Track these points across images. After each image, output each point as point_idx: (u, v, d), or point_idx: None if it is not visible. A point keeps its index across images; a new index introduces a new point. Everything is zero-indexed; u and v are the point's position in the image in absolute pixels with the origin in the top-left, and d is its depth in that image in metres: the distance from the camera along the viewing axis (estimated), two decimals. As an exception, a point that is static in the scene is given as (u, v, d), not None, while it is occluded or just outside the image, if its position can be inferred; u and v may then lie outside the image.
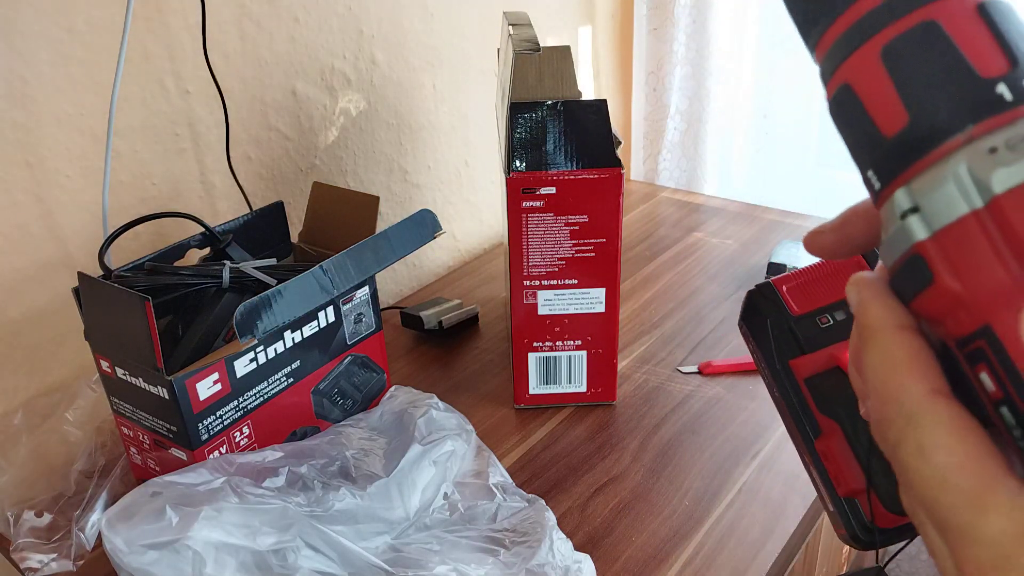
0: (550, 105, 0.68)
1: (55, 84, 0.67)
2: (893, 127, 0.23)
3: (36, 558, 0.59)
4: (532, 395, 0.76)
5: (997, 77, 0.21)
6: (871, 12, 0.23)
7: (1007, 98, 0.21)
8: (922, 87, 0.22)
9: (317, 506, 0.55)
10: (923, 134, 0.22)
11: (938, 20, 0.22)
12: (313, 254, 0.75)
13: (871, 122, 0.23)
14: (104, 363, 0.60)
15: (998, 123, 0.21)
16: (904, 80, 0.22)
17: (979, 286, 0.21)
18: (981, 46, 0.21)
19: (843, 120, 0.24)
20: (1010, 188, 0.20)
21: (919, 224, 0.22)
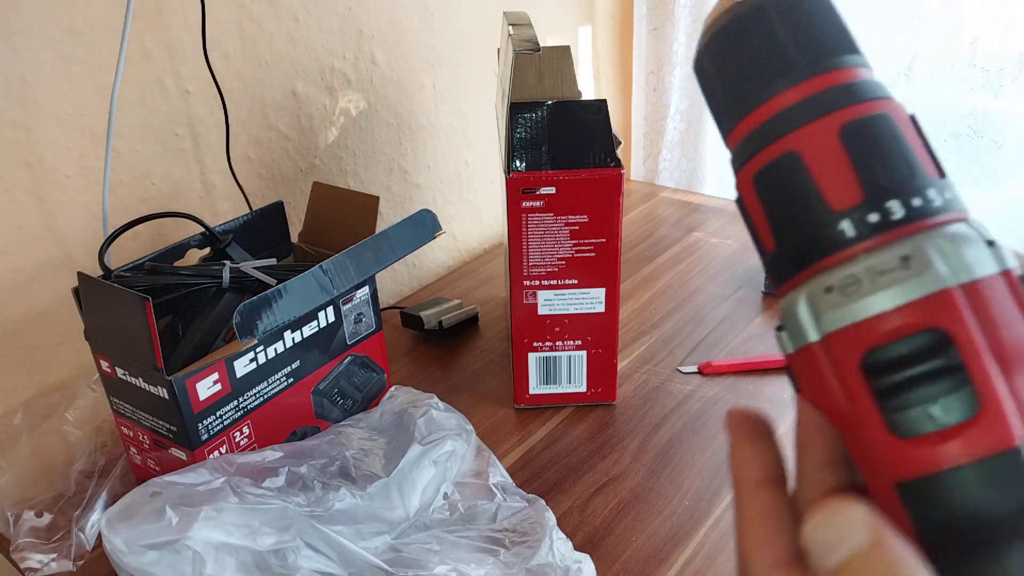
0: (550, 105, 0.68)
1: (55, 84, 0.67)
2: (768, 247, 0.24)
3: (36, 558, 0.59)
4: (532, 395, 0.76)
5: (847, 211, 0.21)
6: (746, 137, 0.23)
7: (848, 235, 0.21)
8: (783, 217, 0.23)
9: (317, 506, 0.55)
10: (786, 261, 0.23)
11: (798, 151, 0.22)
12: (313, 254, 0.75)
13: (755, 236, 0.24)
14: (104, 363, 0.60)
15: (836, 261, 0.22)
16: (770, 208, 0.23)
17: (828, 408, 0.23)
18: (835, 176, 0.22)
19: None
20: (835, 330, 0.21)
21: (786, 340, 0.23)
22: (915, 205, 0.21)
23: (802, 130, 0.22)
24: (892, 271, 0.21)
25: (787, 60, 0.22)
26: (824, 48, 0.23)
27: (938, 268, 0.20)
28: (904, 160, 0.21)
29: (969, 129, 1.09)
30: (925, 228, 0.21)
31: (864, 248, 0.21)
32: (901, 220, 0.21)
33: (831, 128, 0.22)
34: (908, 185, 0.21)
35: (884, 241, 0.21)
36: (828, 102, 0.22)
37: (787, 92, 0.22)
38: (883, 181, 0.21)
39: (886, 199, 0.21)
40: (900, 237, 0.21)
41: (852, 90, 0.22)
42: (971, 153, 1.10)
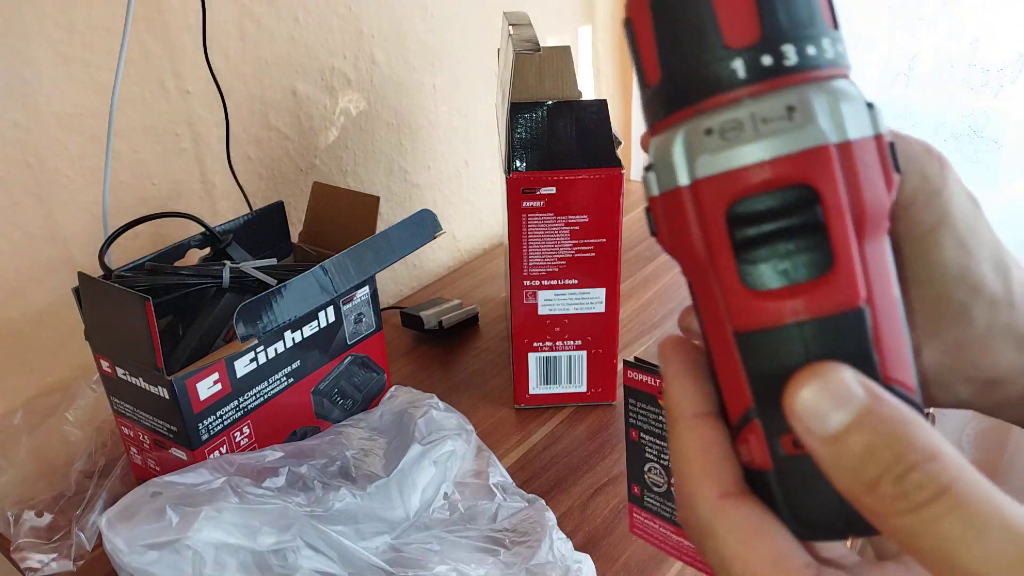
0: (550, 105, 0.68)
1: (55, 84, 0.67)
2: (651, 79, 0.22)
3: (36, 558, 0.59)
4: (532, 395, 0.76)
5: (740, 49, 0.20)
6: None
7: (739, 75, 0.20)
8: (674, 47, 0.21)
9: (317, 506, 0.55)
10: (668, 95, 0.22)
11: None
12: (313, 254, 0.75)
13: (639, 65, 0.23)
14: (104, 363, 0.60)
15: (721, 102, 0.21)
16: (663, 35, 0.21)
17: (683, 254, 0.22)
18: (736, 8, 0.20)
19: (631, 51, 0.23)
20: (708, 176, 0.21)
21: (652, 181, 0.23)
22: (809, 53, 0.20)
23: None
24: (775, 120, 0.20)
25: None
26: None
27: (820, 123, 0.20)
28: (807, 7, 0.21)
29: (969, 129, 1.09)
30: (813, 79, 0.21)
31: (751, 92, 0.20)
32: (792, 67, 0.20)
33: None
34: (806, 31, 0.21)
35: (772, 87, 0.20)
36: None
37: None
38: (783, 22, 0.20)
39: (782, 42, 0.20)
40: (788, 85, 0.20)
41: None
42: (971, 153, 1.10)
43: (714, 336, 0.23)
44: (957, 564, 0.18)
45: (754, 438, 0.22)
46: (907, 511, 0.19)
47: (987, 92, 1.06)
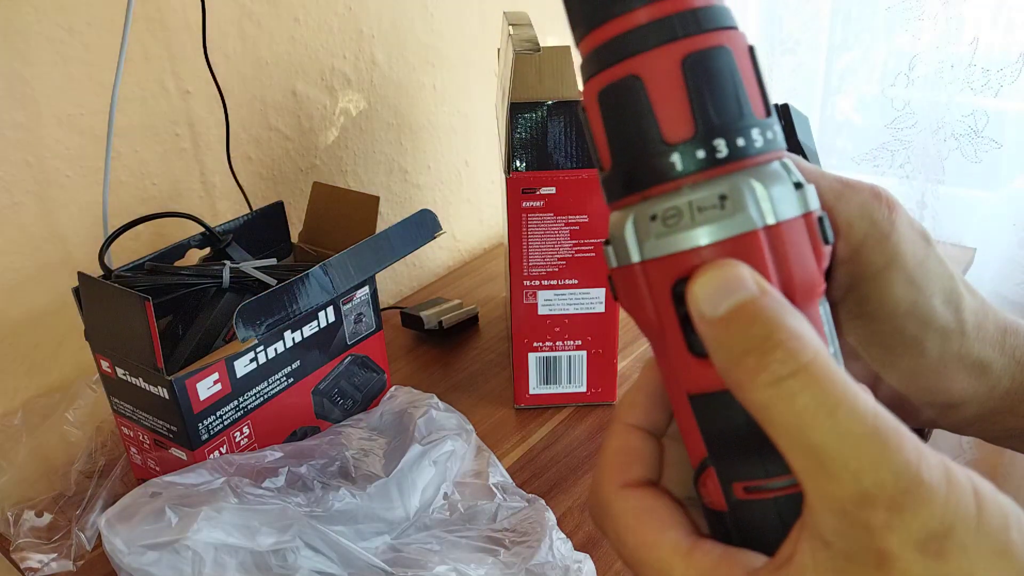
0: (550, 105, 0.68)
1: (55, 84, 0.67)
2: (604, 164, 0.25)
3: (36, 558, 0.59)
4: (532, 395, 0.76)
5: (678, 144, 0.22)
6: (595, 50, 0.24)
7: (677, 168, 0.22)
8: (621, 139, 0.23)
9: (317, 506, 0.55)
10: (619, 182, 0.24)
11: (642, 77, 0.22)
12: (313, 254, 0.75)
13: (594, 148, 0.25)
14: (104, 363, 0.60)
15: (663, 191, 0.23)
16: (610, 127, 0.24)
17: (641, 319, 0.25)
18: (672, 108, 0.22)
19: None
20: (654, 258, 0.23)
21: (611, 255, 0.25)
22: (739, 144, 0.22)
23: (648, 55, 0.22)
24: (710, 208, 0.22)
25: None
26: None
27: (749, 210, 0.22)
28: (735, 98, 0.22)
29: (969, 129, 1.09)
30: (744, 167, 0.22)
31: (689, 181, 0.22)
32: (724, 159, 0.22)
33: (674, 57, 0.22)
34: (735, 124, 0.22)
35: (707, 177, 0.22)
36: (675, 28, 0.22)
37: (639, 11, 0.22)
38: (714, 118, 0.22)
39: (714, 137, 0.22)
40: (721, 174, 0.22)
41: (700, 17, 0.23)
42: (971, 153, 1.10)
43: (672, 392, 0.26)
44: (807, 439, 0.20)
45: (711, 482, 0.25)
46: (767, 384, 0.20)
47: (987, 92, 1.06)
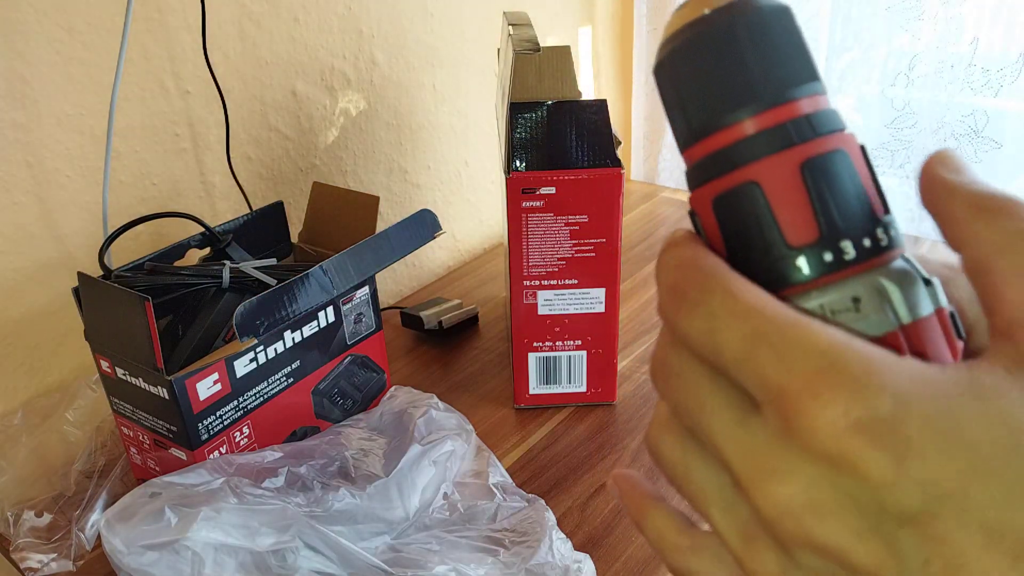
0: (550, 105, 0.68)
1: (55, 84, 0.67)
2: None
3: (36, 558, 0.59)
4: (532, 395, 0.76)
5: (803, 247, 0.22)
6: (709, 157, 0.23)
7: (804, 272, 0.22)
8: (740, 244, 0.23)
9: (316, 506, 0.55)
10: None
11: (760, 183, 0.22)
12: (313, 254, 0.75)
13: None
14: (104, 363, 0.60)
15: (793, 293, 0.23)
16: (728, 233, 0.23)
17: None
18: (795, 212, 0.22)
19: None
20: None
21: None
22: (865, 245, 0.22)
23: (764, 162, 0.22)
24: (844, 312, 0.22)
25: (753, 87, 0.23)
26: (789, 76, 0.23)
27: (885, 312, 0.22)
28: (857, 200, 0.23)
29: (969, 129, 1.09)
30: (873, 267, 0.22)
31: (818, 285, 0.22)
32: (852, 260, 0.22)
33: (792, 163, 0.22)
34: (859, 225, 0.22)
35: (836, 279, 0.22)
36: (791, 135, 0.22)
37: (751, 119, 0.23)
38: (838, 221, 0.22)
39: (840, 239, 0.22)
40: (851, 276, 0.22)
41: (813, 123, 0.23)
42: (971, 153, 1.10)
43: None
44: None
45: None
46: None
47: (987, 92, 1.06)
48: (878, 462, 0.18)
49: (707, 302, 0.21)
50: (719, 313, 0.21)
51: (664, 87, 0.24)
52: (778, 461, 0.19)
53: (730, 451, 0.20)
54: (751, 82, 0.23)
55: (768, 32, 0.23)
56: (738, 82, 0.23)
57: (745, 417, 0.20)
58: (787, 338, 0.19)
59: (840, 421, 0.18)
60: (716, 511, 0.22)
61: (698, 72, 0.23)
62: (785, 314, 0.20)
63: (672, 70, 0.24)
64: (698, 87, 0.23)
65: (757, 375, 0.19)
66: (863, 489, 0.18)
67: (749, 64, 0.23)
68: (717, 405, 0.21)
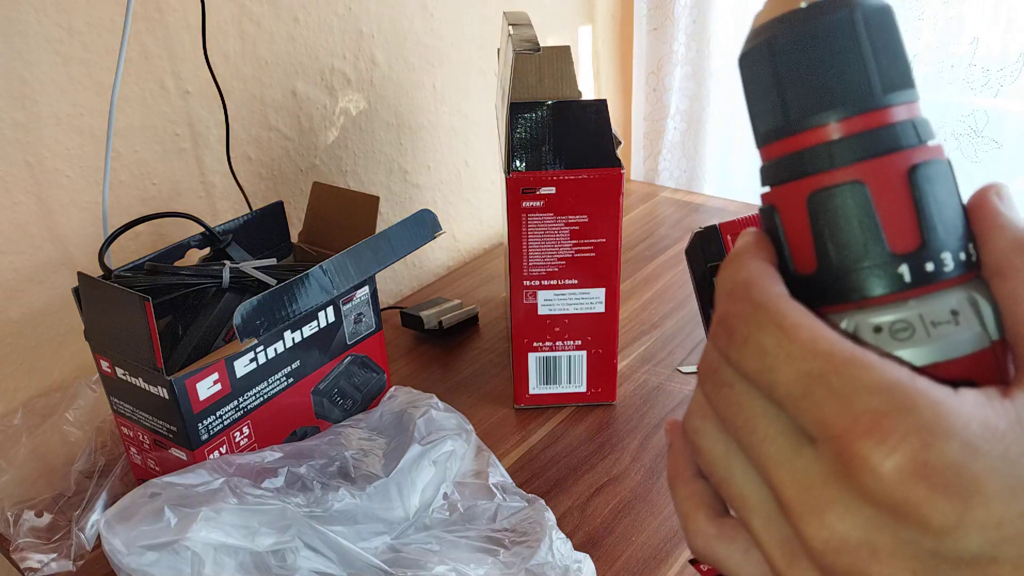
0: (550, 105, 0.68)
1: (55, 84, 0.67)
2: (804, 268, 0.23)
3: (36, 558, 0.59)
4: (532, 395, 0.76)
5: (905, 255, 0.22)
6: (810, 150, 0.22)
7: (906, 279, 0.22)
8: (838, 244, 0.22)
9: (316, 506, 0.55)
10: (829, 287, 0.23)
11: (866, 184, 0.22)
12: (313, 254, 0.75)
13: (787, 252, 0.24)
14: (104, 363, 0.60)
15: (887, 301, 0.22)
16: (822, 232, 0.22)
17: None
18: (899, 218, 0.22)
19: (769, 232, 0.24)
20: None
21: None
22: (961, 259, 0.22)
23: (873, 163, 0.22)
24: (944, 324, 0.21)
25: (867, 84, 0.22)
26: (897, 78, 0.22)
27: (982, 327, 0.22)
28: (955, 212, 0.22)
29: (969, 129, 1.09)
30: (967, 280, 0.22)
31: (916, 294, 0.22)
32: (951, 272, 0.22)
33: (901, 168, 0.22)
34: (958, 239, 0.22)
35: (935, 290, 0.22)
36: (900, 139, 0.22)
37: (862, 117, 0.22)
38: (940, 232, 0.22)
39: (941, 250, 0.22)
40: (949, 287, 0.22)
41: (919, 129, 0.22)
42: (971, 153, 1.10)
43: None
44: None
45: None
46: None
47: (987, 92, 1.06)
48: (942, 509, 0.17)
49: (759, 339, 0.20)
50: (772, 351, 0.20)
51: (756, 76, 0.23)
52: (833, 497, 0.19)
53: (780, 478, 0.20)
54: (861, 80, 0.22)
55: (879, 30, 0.22)
56: (848, 78, 0.22)
57: (799, 447, 0.20)
58: (846, 377, 0.19)
59: (906, 467, 0.17)
60: (758, 521, 0.21)
61: (806, 63, 0.22)
62: (842, 350, 0.19)
63: (773, 57, 0.23)
64: (805, 78, 0.22)
65: (814, 414, 0.19)
66: (923, 533, 0.18)
67: (862, 61, 0.22)
68: (769, 430, 0.20)
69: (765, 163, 0.24)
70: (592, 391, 0.76)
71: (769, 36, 0.23)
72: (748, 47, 0.23)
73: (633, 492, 0.66)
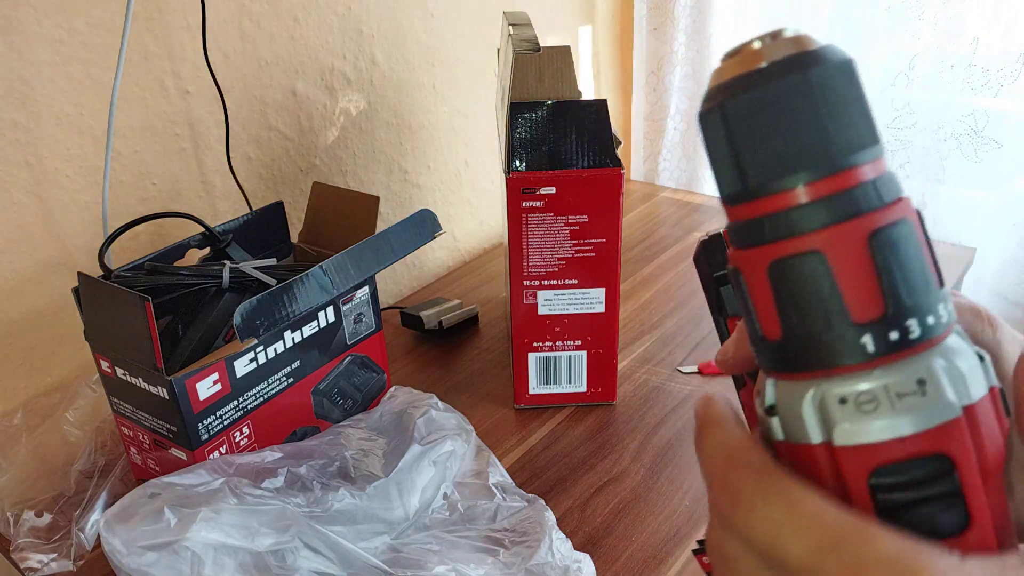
0: (550, 105, 0.68)
1: (55, 84, 0.67)
2: (769, 334, 0.23)
3: (36, 558, 0.59)
4: (532, 395, 0.76)
5: (868, 324, 0.21)
6: (768, 218, 0.22)
7: (869, 350, 0.21)
8: (798, 314, 0.22)
9: (316, 507, 0.55)
10: (792, 355, 0.22)
11: (824, 253, 0.21)
12: (313, 254, 0.75)
13: (753, 316, 0.23)
14: (104, 363, 0.60)
15: (850, 371, 0.21)
16: (784, 300, 0.22)
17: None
18: (860, 287, 0.21)
19: (737, 293, 0.23)
20: (847, 445, 0.21)
21: (777, 426, 0.23)
22: (929, 323, 0.21)
23: (830, 231, 0.21)
24: (909, 395, 0.21)
25: (819, 150, 0.21)
26: (855, 138, 0.21)
27: (950, 395, 0.21)
28: (922, 275, 0.21)
29: (969, 129, 1.09)
30: (934, 345, 0.21)
31: (881, 364, 0.21)
32: (917, 339, 0.21)
33: (859, 234, 0.21)
34: (924, 302, 0.21)
35: (900, 359, 0.21)
36: (858, 203, 0.21)
37: (816, 184, 0.21)
38: (904, 298, 0.21)
39: (906, 317, 0.21)
40: (915, 354, 0.21)
41: (880, 190, 0.21)
42: (971, 153, 1.10)
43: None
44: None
45: None
46: None
47: (987, 92, 1.06)
48: None
49: (767, 508, 0.20)
50: (782, 521, 0.20)
51: (713, 138, 0.22)
52: None
53: None
54: (817, 144, 0.21)
55: (835, 90, 0.21)
56: (804, 144, 0.21)
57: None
58: (855, 549, 0.19)
59: None
60: None
61: (760, 129, 0.21)
62: (847, 523, 0.20)
63: (727, 122, 0.22)
64: (759, 144, 0.21)
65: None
66: None
67: (817, 125, 0.21)
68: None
69: (729, 223, 0.23)
70: (592, 391, 0.76)
71: (722, 100, 0.22)
72: (703, 109, 0.23)
73: (633, 492, 0.66)
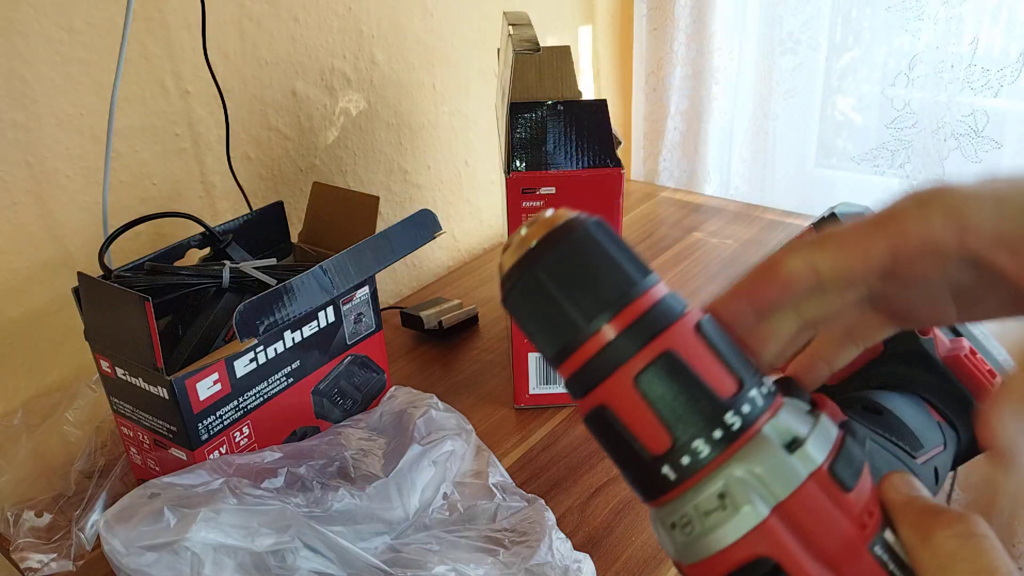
0: (550, 105, 0.68)
1: (55, 84, 0.67)
2: (621, 469, 0.24)
3: (36, 558, 0.59)
4: (532, 395, 0.76)
5: (662, 456, 0.23)
6: (569, 381, 0.24)
7: (670, 479, 0.23)
8: (617, 457, 0.24)
9: (316, 507, 0.55)
10: (637, 490, 0.25)
11: (608, 405, 0.23)
12: (313, 254, 0.75)
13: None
14: (104, 363, 0.60)
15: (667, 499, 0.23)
16: (605, 447, 0.24)
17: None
18: (645, 426, 0.23)
19: (603, 435, 0.25)
20: (689, 563, 0.23)
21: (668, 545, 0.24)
22: (716, 438, 0.22)
23: (603, 387, 0.23)
24: (714, 512, 0.22)
25: (572, 323, 0.23)
26: (603, 298, 0.23)
27: (752, 503, 0.22)
28: (697, 396, 0.22)
29: (969, 129, 1.09)
30: (731, 455, 0.22)
31: (687, 487, 0.22)
32: (708, 457, 0.22)
33: (626, 382, 0.23)
34: (706, 420, 0.22)
35: (699, 479, 0.22)
36: (616, 355, 0.23)
37: (580, 351, 0.23)
38: (684, 423, 0.22)
39: (691, 440, 0.22)
40: (712, 471, 0.22)
41: (634, 334, 0.23)
42: (971, 153, 1.10)
43: None
44: None
45: None
46: None
47: (987, 92, 1.06)
48: None
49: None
50: None
51: (516, 319, 0.25)
52: None
53: None
54: (569, 319, 0.23)
55: (570, 272, 0.23)
56: (560, 321, 0.23)
57: None
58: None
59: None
60: None
61: (529, 313, 0.24)
62: None
63: (512, 310, 0.24)
64: (534, 326, 0.24)
65: None
66: None
67: (566, 301, 0.23)
68: None
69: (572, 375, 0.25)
70: (592, 391, 0.76)
71: (502, 290, 0.24)
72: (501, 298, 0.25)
73: (633, 492, 0.66)
